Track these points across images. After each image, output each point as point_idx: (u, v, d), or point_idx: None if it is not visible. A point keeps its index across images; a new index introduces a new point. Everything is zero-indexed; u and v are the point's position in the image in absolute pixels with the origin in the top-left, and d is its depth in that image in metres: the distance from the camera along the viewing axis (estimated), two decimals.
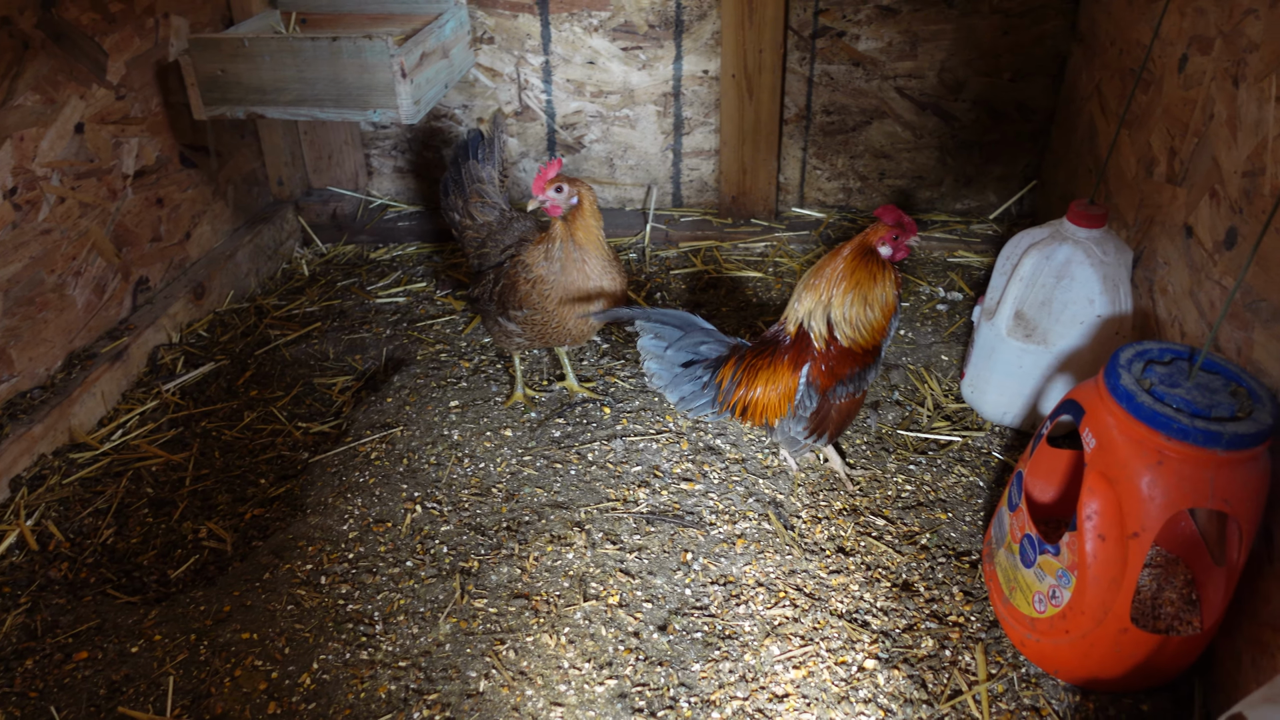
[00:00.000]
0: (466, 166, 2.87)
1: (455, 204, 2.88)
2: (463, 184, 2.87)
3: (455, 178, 2.91)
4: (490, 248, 2.71)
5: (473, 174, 2.86)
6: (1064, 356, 2.54)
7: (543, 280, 2.51)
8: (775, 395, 2.35)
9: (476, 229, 2.80)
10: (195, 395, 3.00)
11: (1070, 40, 3.40)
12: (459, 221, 2.86)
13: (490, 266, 2.68)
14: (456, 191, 2.89)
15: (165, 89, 3.27)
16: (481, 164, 2.87)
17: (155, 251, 3.28)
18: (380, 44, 3.00)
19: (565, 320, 2.55)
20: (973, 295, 3.39)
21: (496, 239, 2.72)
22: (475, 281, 2.76)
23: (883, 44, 3.51)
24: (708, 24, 3.54)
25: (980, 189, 3.76)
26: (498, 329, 2.68)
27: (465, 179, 2.87)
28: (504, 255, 2.65)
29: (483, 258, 2.73)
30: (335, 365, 3.13)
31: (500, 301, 2.60)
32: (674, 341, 2.32)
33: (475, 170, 2.86)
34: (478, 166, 2.87)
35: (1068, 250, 2.49)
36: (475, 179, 2.86)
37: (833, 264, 2.32)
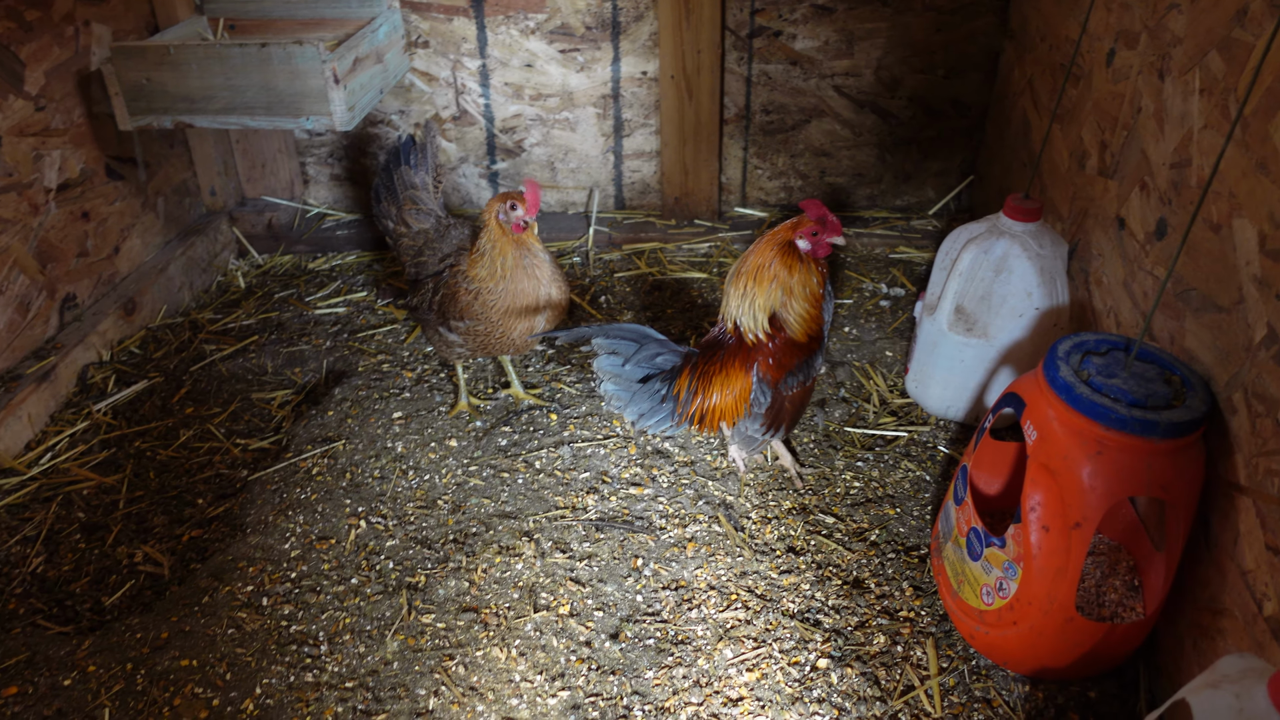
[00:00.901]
0: (399, 173, 2.82)
1: (388, 211, 2.83)
2: (395, 191, 2.82)
3: (387, 184, 2.85)
4: (428, 256, 2.66)
5: (405, 180, 2.81)
6: (1005, 349, 2.57)
7: (486, 290, 2.48)
8: (732, 398, 2.32)
9: (412, 237, 2.74)
10: (128, 415, 2.91)
11: (1002, 36, 3.45)
12: (393, 229, 2.81)
13: (428, 275, 2.63)
14: (389, 198, 2.83)
15: (88, 99, 3.16)
16: (415, 170, 2.82)
17: (82, 267, 3.17)
18: (311, 49, 2.94)
19: (510, 331, 2.52)
20: (915, 291, 3.42)
21: (434, 247, 2.67)
22: (413, 290, 2.70)
23: (819, 43, 3.53)
24: (645, 25, 3.53)
25: (919, 185, 3.80)
26: (438, 339, 2.64)
27: (398, 185, 2.82)
28: (443, 264, 2.60)
29: (420, 266, 2.68)
30: (274, 379, 3.06)
31: (440, 312, 2.56)
32: (630, 356, 2.25)
33: (408, 176, 2.81)
34: (410, 173, 2.82)
35: (1005, 244, 2.52)
36: (408, 185, 2.80)
37: (754, 258, 2.31)
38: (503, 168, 3.89)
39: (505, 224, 2.45)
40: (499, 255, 2.47)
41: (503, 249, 2.46)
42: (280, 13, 3.51)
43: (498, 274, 2.47)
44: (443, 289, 2.54)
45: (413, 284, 2.72)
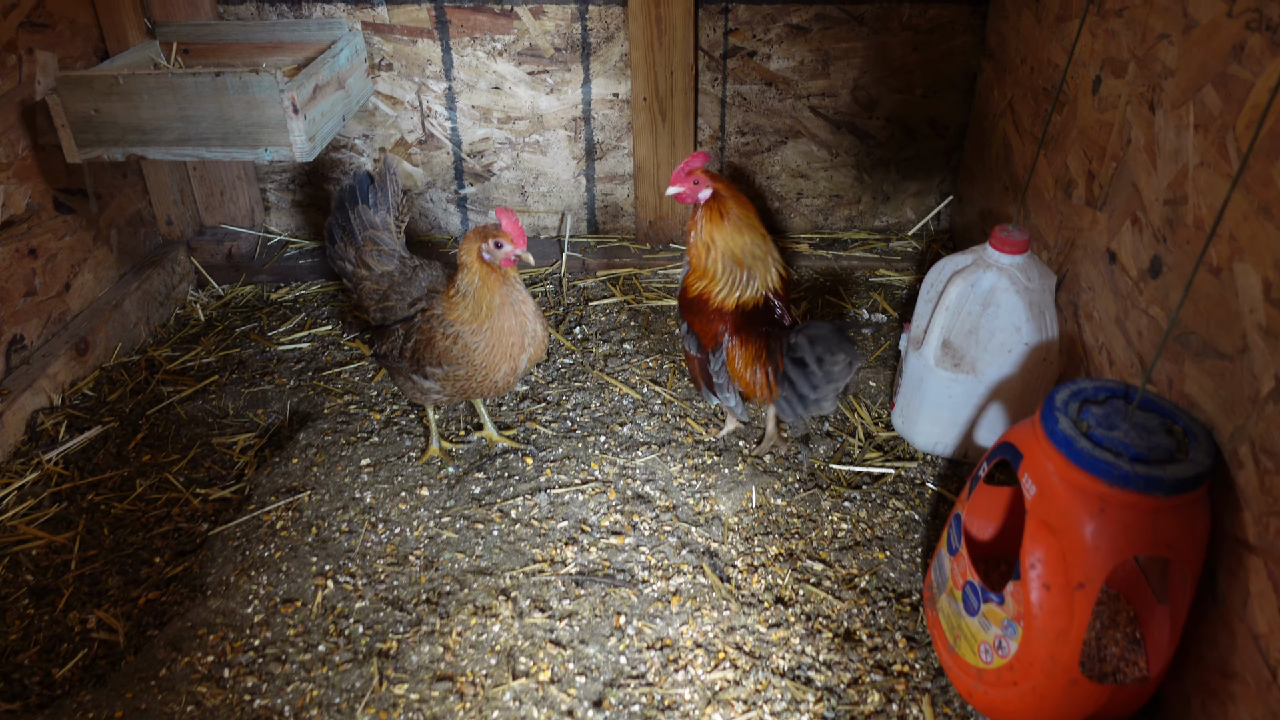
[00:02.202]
0: (356, 212, 2.69)
1: (345, 253, 2.69)
2: (353, 231, 2.68)
3: (343, 224, 2.71)
4: (395, 300, 2.54)
5: (364, 220, 2.68)
6: (994, 385, 2.50)
7: (470, 332, 2.36)
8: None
9: (375, 280, 2.61)
10: (81, 464, 2.77)
11: (980, 56, 3.39)
12: (352, 271, 2.68)
13: (397, 321, 2.51)
14: (346, 240, 2.70)
15: (33, 130, 3.02)
16: (374, 209, 2.69)
17: (30, 307, 3.02)
18: (269, 78, 2.81)
19: (493, 373, 2.41)
20: (896, 317, 3.34)
21: (401, 290, 2.54)
22: (380, 337, 2.57)
23: (794, 63, 3.45)
24: (615, 46, 3.43)
25: (898, 206, 3.73)
26: (411, 386, 2.52)
27: (355, 226, 2.68)
28: (413, 309, 2.48)
29: (386, 311, 2.56)
30: (236, 422, 2.93)
31: (414, 359, 2.44)
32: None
33: (367, 216, 2.68)
34: (369, 212, 2.69)
35: (992, 277, 2.45)
36: (367, 225, 2.68)
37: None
38: (471, 192, 3.77)
39: (492, 260, 2.34)
40: (485, 294, 2.35)
41: (489, 287, 2.35)
42: (236, 36, 3.38)
43: (482, 314, 2.36)
44: (415, 335, 2.42)
45: (378, 330, 2.59)
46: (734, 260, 2.54)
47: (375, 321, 2.60)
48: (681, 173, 2.54)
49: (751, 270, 2.55)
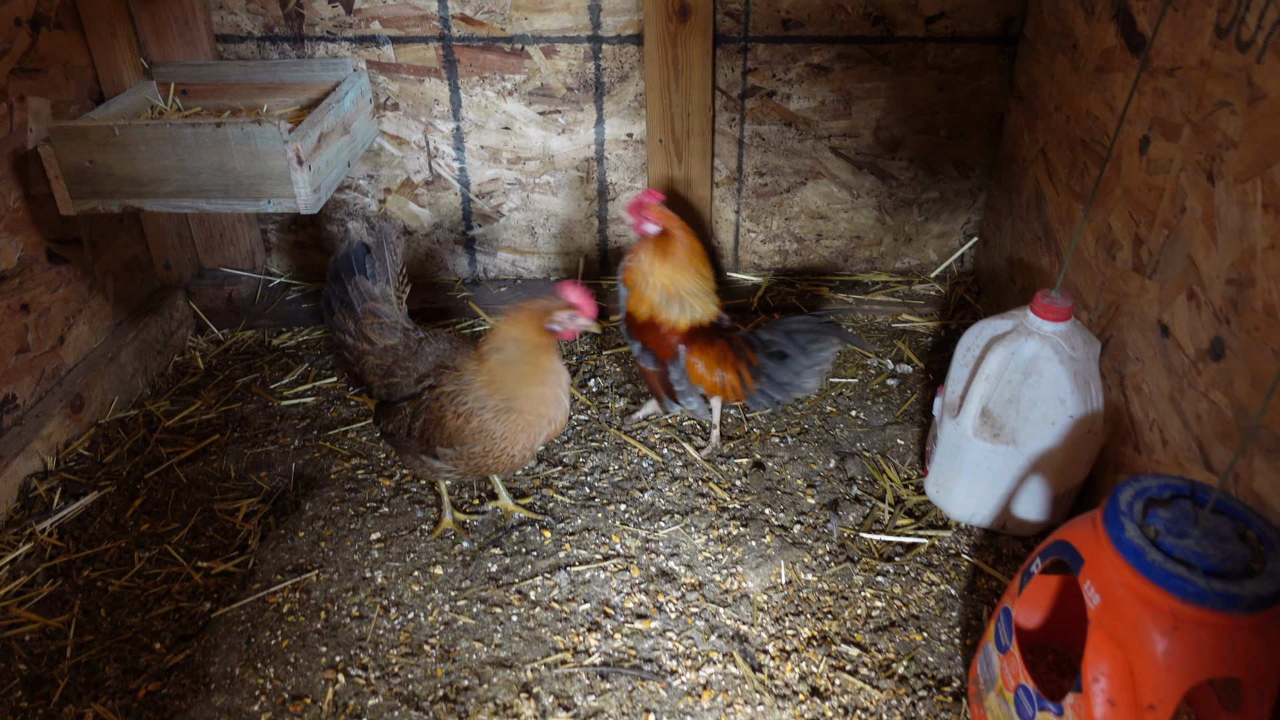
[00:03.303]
0: (353, 283, 2.53)
1: (345, 325, 2.54)
2: (351, 304, 2.52)
3: (340, 296, 2.56)
4: (400, 376, 2.40)
5: (363, 291, 2.52)
6: (1036, 457, 2.38)
7: (495, 405, 2.23)
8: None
9: (378, 354, 2.46)
10: (76, 533, 2.64)
11: (1008, 96, 3.27)
12: (353, 345, 2.52)
13: (404, 398, 2.37)
14: (344, 312, 2.54)
15: (25, 180, 2.89)
16: (372, 280, 2.53)
17: (23, 364, 2.89)
18: (271, 129, 2.69)
19: (511, 447, 2.29)
20: (922, 368, 3.23)
21: (406, 366, 2.40)
22: (385, 414, 2.43)
23: (815, 103, 3.33)
24: (630, 85, 3.31)
25: (920, 247, 3.62)
26: (420, 465, 2.40)
27: (354, 297, 2.52)
28: (420, 386, 2.34)
29: (391, 388, 2.41)
30: (238, 486, 2.81)
31: (423, 438, 2.32)
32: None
33: (364, 287, 2.52)
34: (368, 283, 2.53)
35: (1034, 346, 2.33)
36: (366, 296, 2.52)
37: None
38: (479, 233, 3.65)
39: (561, 330, 2.24)
40: (530, 362, 2.23)
41: (537, 355, 2.24)
42: (236, 77, 3.25)
43: (526, 382, 2.24)
44: (424, 414, 2.30)
45: (383, 406, 2.45)
46: (668, 294, 2.71)
47: (379, 397, 2.46)
48: (633, 205, 2.70)
49: (684, 303, 2.72)
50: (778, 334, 2.66)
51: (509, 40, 3.26)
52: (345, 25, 3.26)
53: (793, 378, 2.66)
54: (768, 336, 2.67)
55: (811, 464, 2.83)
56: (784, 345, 2.64)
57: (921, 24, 3.17)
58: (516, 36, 3.25)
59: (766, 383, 2.68)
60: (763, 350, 2.66)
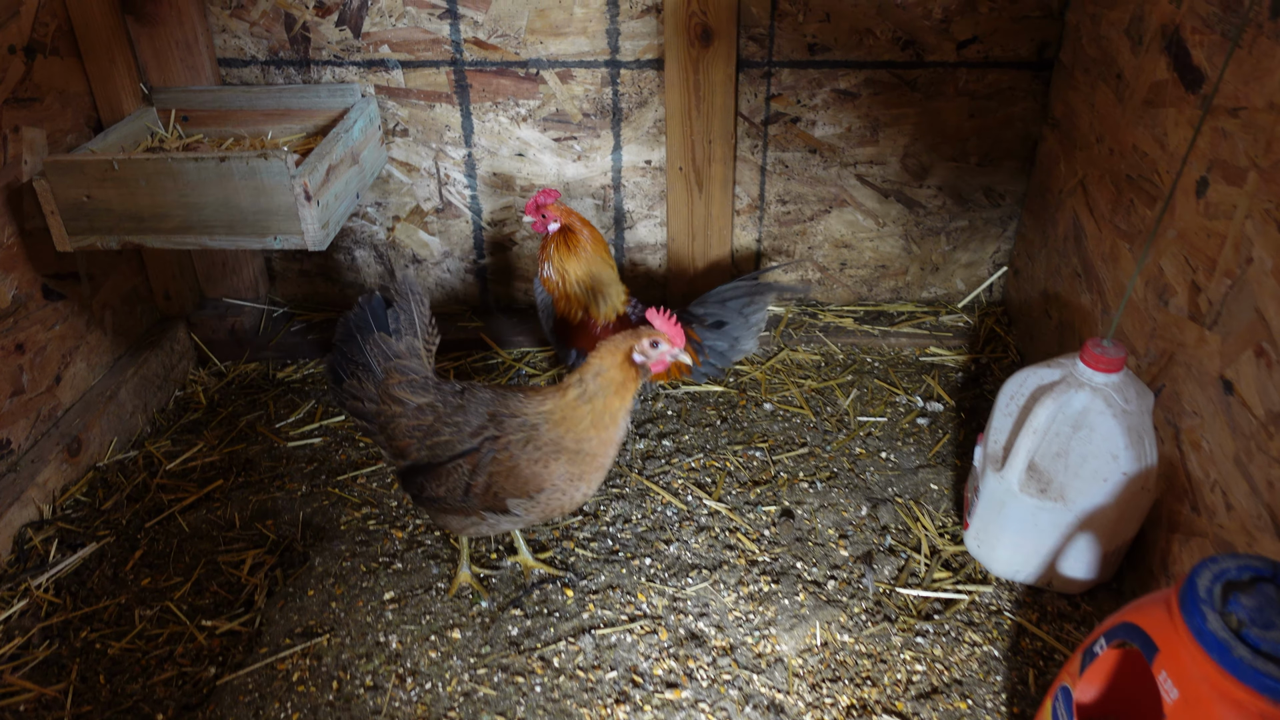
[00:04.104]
0: (372, 342, 2.29)
1: (364, 392, 2.28)
2: (369, 366, 2.27)
3: (355, 358, 2.30)
4: (449, 433, 2.17)
5: (385, 350, 2.28)
6: (1085, 514, 2.26)
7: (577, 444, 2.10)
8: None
9: (414, 414, 2.23)
10: (74, 589, 2.52)
11: (1042, 123, 3.15)
12: (377, 410, 2.27)
13: (455, 456, 2.17)
14: (363, 376, 2.29)
15: (20, 215, 2.76)
16: (397, 336, 2.30)
17: (17, 407, 2.77)
18: (278, 164, 2.57)
19: (583, 492, 2.17)
20: (953, 405, 3.11)
21: (453, 421, 2.19)
22: (431, 477, 2.19)
23: (841, 130, 3.21)
24: (649, 111, 3.19)
25: (947, 277, 3.49)
26: (474, 524, 2.23)
27: (373, 358, 2.28)
28: (479, 439, 2.14)
29: (438, 448, 2.20)
30: (243, 535, 2.68)
31: (488, 493, 2.14)
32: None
33: (388, 346, 2.29)
34: (391, 340, 2.29)
35: (1085, 398, 2.21)
36: (390, 355, 2.28)
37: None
38: (491, 262, 3.53)
39: (645, 363, 2.10)
40: (616, 401, 2.09)
41: (623, 393, 2.09)
42: (240, 103, 3.13)
43: (604, 422, 2.09)
44: (489, 467, 2.11)
45: (422, 470, 2.22)
46: (588, 287, 2.78)
47: (419, 460, 2.23)
48: (531, 205, 2.77)
49: (605, 293, 2.80)
50: (711, 305, 2.85)
51: (523, 65, 3.13)
52: (353, 49, 3.13)
53: (733, 343, 2.85)
54: (702, 310, 2.85)
55: (842, 511, 2.71)
56: (720, 314, 2.82)
57: (953, 49, 3.05)
58: (531, 61, 3.12)
59: (710, 353, 2.85)
60: (700, 324, 2.83)
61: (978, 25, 3.01)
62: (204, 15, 3.08)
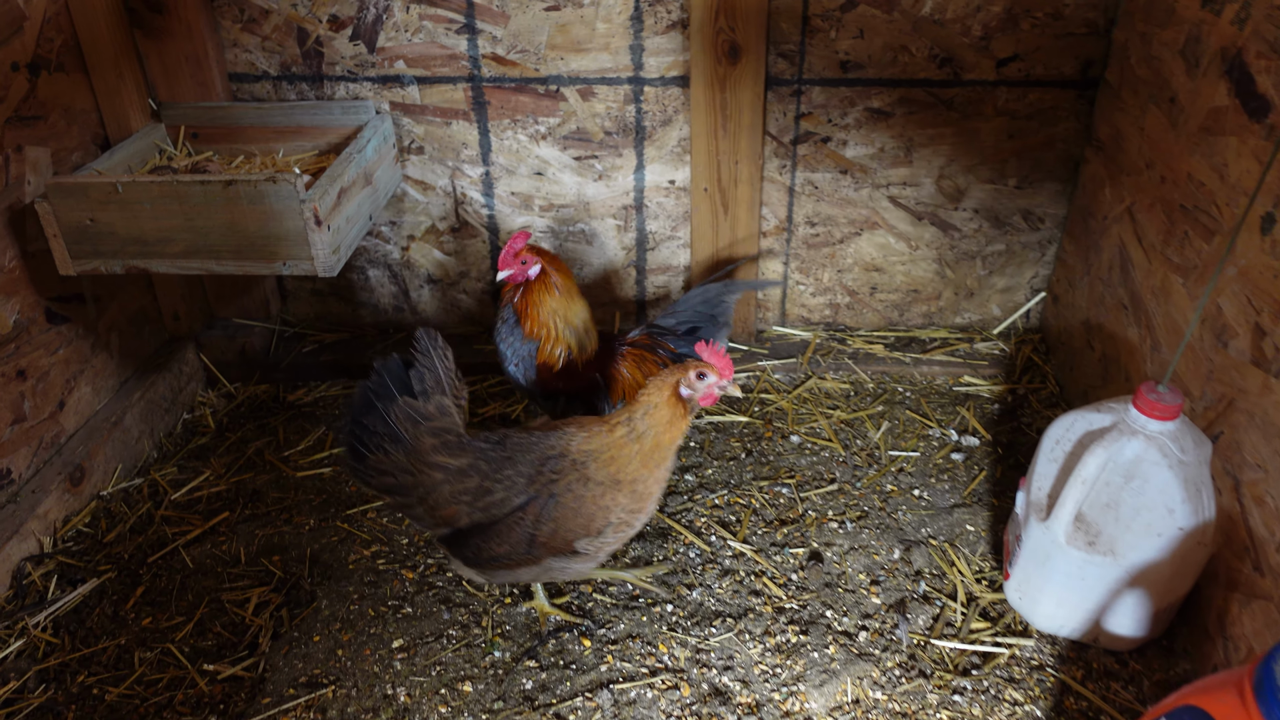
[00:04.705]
0: (397, 409, 2.08)
1: (394, 464, 2.09)
2: (398, 436, 2.08)
3: (380, 430, 2.09)
4: (500, 491, 2.06)
5: (414, 414, 2.09)
6: (1136, 570, 2.12)
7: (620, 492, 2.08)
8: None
9: (457, 476, 2.07)
10: (73, 628, 2.42)
11: (1085, 144, 3.01)
12: (414, 482, 2.08)
13: (511, 511, 2.06)
14: (391, 447, 2.09)
15: (22, 237, 2.67)
16: (423, 397, 2.11)
17: (18, 435, 2.68)
18: (287, 188, 2.47)
19: (648, 513, 2.16)
20: (990, 439, 2.97)
21: (505, 476, 2.07)
22: (488, 537, 2.07)
23: (874, 150, 3.07)
24: (673, 130, 3.07)
25: (982, 302, 3.35)
26: (547, 570, 2.16)
27: (401, 427, 2.08)
28: (539, 486, 2.06)
29: (491, 507, 2.07)
30: (249, 572, 2.58)
31: (556, 539, 2.07)
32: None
33: (417, 409, 2.09)
34: (419, 404, 2.10)
35: (1138, 447, 2.07)
36: (421, 418, 2.09)
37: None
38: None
39: (692, 397, 2.08)
40: (667, 437, 2.08)
41: (674, 429, 2.08)
42: (250, 120, 3.03)
43: (653, 461, 2.08)
44: (554, 513, 2.04)
45: (479, 532, 2.09)
46: (574, 327, 2.65)
47: (471, 523, 2.09)
48: (509, 256, 2.58)
49: (588, 331, 2.69)
50: (681, 314, 2.79)
51: (543, 81, 3.02)
52: (367, 64, 3.03)
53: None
54: (673, 320, 2.79)
55: (874, 554, 2.58)
56: (691, 320, 2.78)
57: (992, 67, 2.91)
58: (551, 77, 3.01)
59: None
60: (673, 335, 2.77)
61: (1019, 42, 2.87)
62: (215, 29, 2.98)
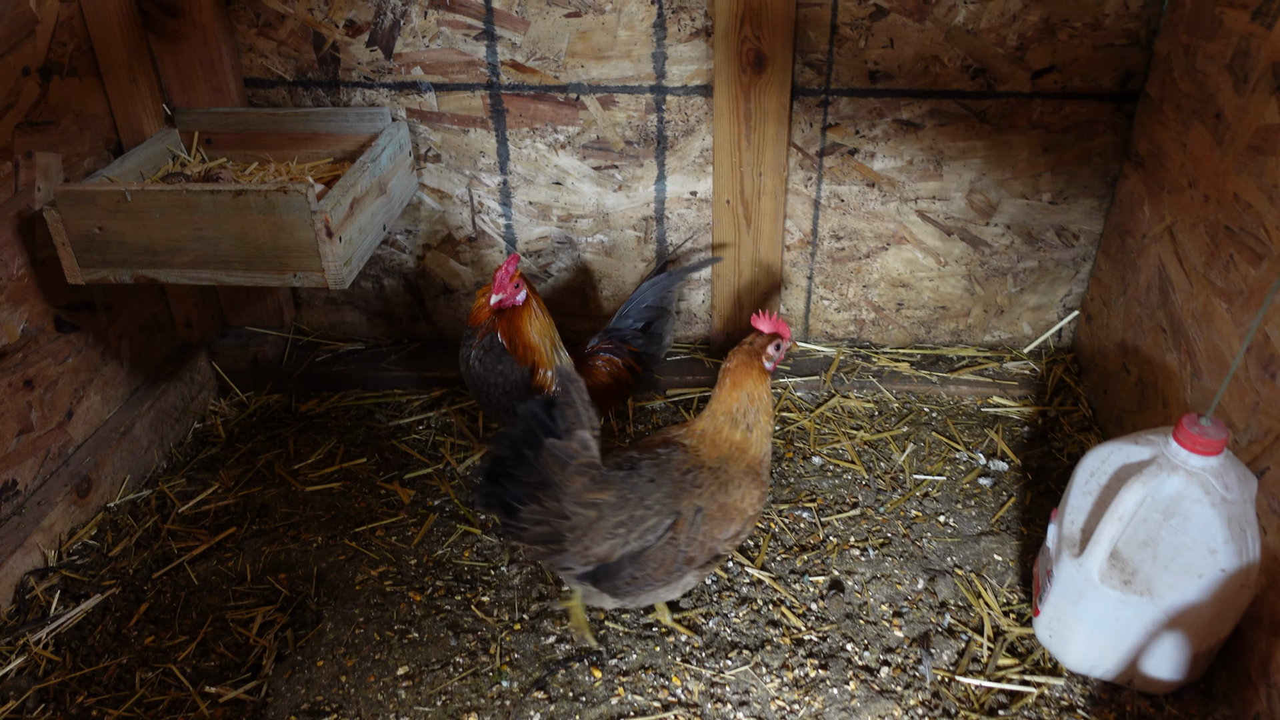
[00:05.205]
0: (546, 453, 1.96)
1: (547, 511, 1.99)
2: (551, 481, 1.96)
3: (531, 479, 1.98)
4: (653, 516, 2.06)
5: (561, 456, 1.97)
6: (1175, 611, 2.02)
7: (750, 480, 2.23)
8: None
9: (612, 511, 2.03)
10: (74, 645, 2.37)
11: (1122, 159, 2.90)
12: (570, 526, 2.01)
13: (663, 532, 2.07)
14: (544, 495, 1.98)
15: (31, 244, 2.63)
16: (568, 435, 1.98)
17: (25, 446, 2.64)
18: (298, 198, 2.40)
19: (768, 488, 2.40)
20: (1019, 464, 2.87)
21: (650, 500, 2.07)
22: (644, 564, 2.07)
23: (902, 162, 2.98)
24: (695, 140, 2.98)
25: (1013, 320, 3.25)
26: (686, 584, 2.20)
27: (553, 473, 1.96)
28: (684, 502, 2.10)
29: (648, 532, 2.06)
30: (254, 590, 2.52)
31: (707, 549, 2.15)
32: None
33: (563, 451, 1.97)
34: (567, 442, 1.98)
35: (1178, 483, 1.97)
36: (569, 458, 1.98)
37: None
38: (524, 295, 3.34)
39: (775, 363, 2.30)
40: (768, 410, 2.28)
41: (770, 399, 2.30)
42: (265, 126, 2.98)
43: (767, 439, 2.28)
44: (703, 525, 2.12)
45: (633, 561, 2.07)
46: (558, 346, 2.72)
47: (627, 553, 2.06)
48: (505, 280, 2.57)
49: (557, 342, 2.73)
50: (634, 314, 2.89)
51: (563, 89, 2.94)
52: (384, 70, 2.97)
53: (659, 341, 2.92)
54: (630, 321, 2.89)
55: (897, 584, 2.49)
56: (646, 316, 2.89)
57: (1027, 78, 2.81)
58: (571, 85, 2.93)
59: (646, 360, 2.89)
60: (635, 335, 2.87)
61: (1056, 53, 2.77)
62: (230, 33, 2.93)
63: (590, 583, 2.12)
